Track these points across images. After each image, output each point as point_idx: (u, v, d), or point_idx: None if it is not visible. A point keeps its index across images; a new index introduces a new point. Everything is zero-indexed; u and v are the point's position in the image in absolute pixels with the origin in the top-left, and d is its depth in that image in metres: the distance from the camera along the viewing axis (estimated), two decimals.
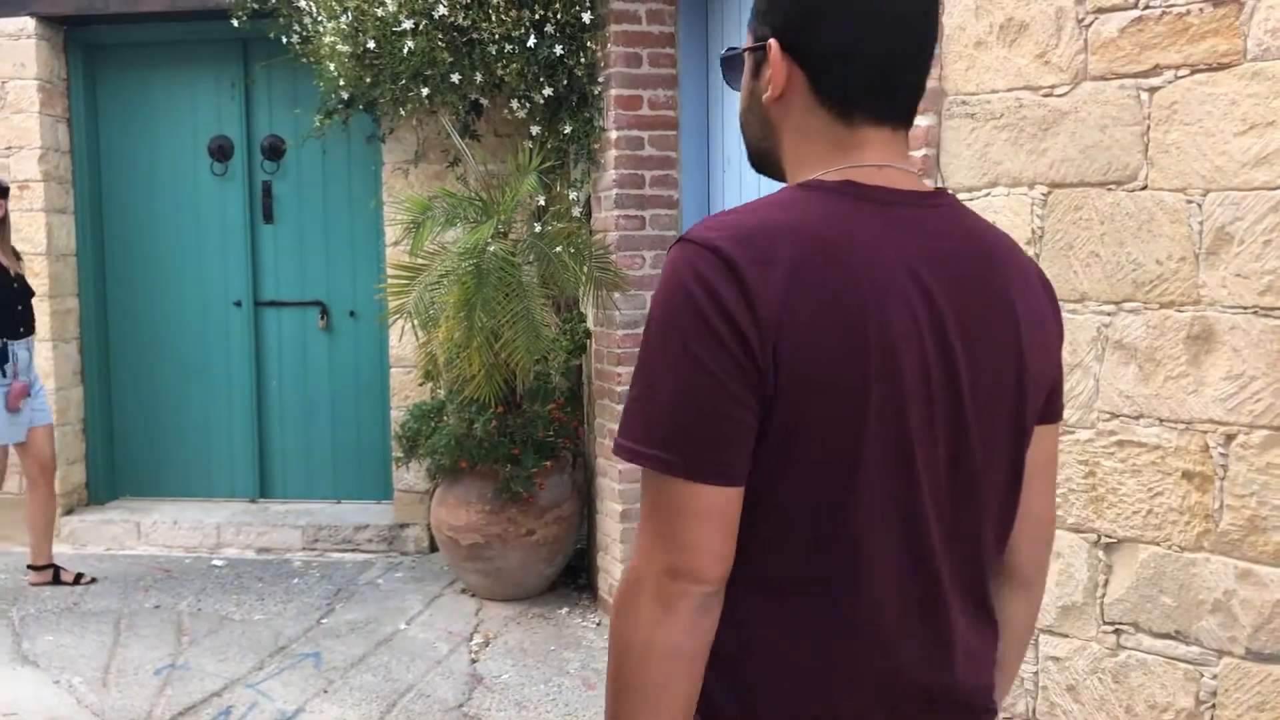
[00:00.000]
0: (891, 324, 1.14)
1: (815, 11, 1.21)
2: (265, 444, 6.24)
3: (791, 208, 1.17)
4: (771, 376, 1.11)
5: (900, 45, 1.21)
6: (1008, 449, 1.26)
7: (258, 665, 4.29)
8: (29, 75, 5.78)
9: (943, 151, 2.87)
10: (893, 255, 1.16)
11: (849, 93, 1.21)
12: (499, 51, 4.74)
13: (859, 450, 1.14)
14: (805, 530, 1.17)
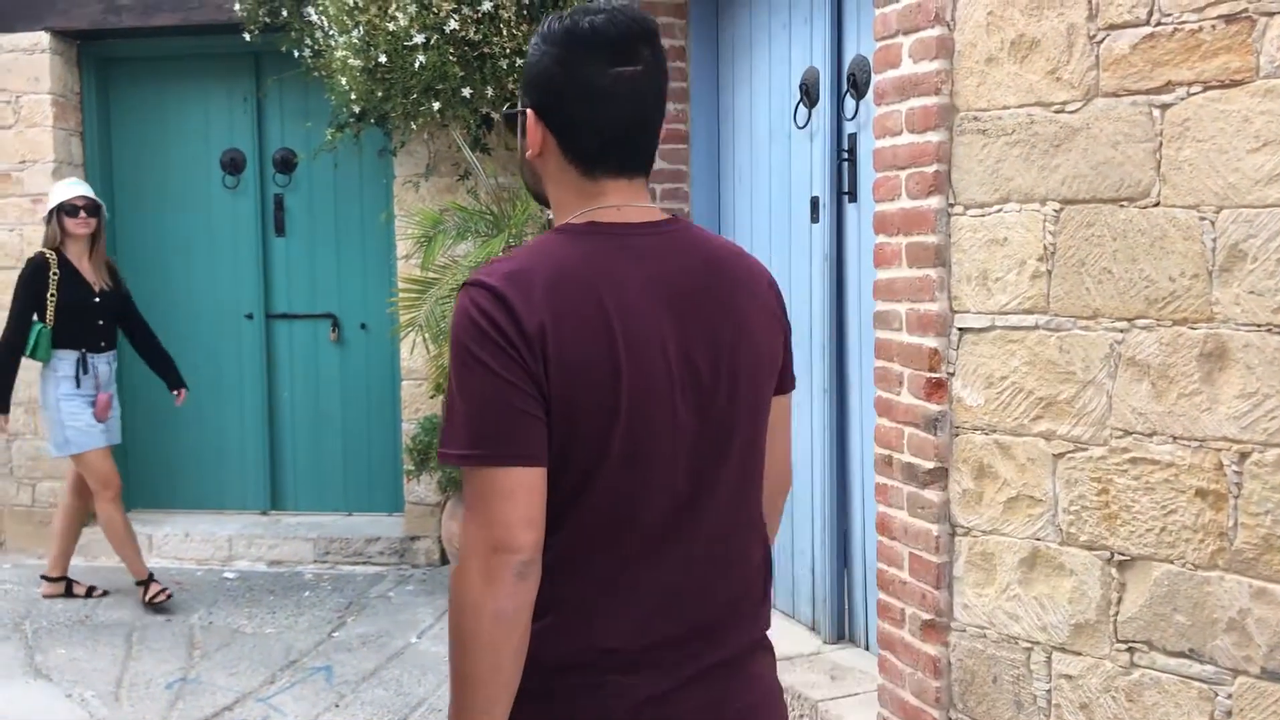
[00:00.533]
0: (631, 326, 1.45)
1: (559, 90, 1.51)
2: (277, 456, 6.25)
3: (546, 250, 1.49)
4: (544, 375, 1.41)
5: (631, 118, 1.52)
6: (747, 417, 1.56)
7: (269, 679, 4.29)
8: (43, 89, 5.81)
9: (954, 168, 2.87)
10: (626, 274, 1.48)
11: (590, 155, 1.52)
12: (510, 65, 4.75)
13: (616, 426, 1.44)
14: (567, 502, 1.45)
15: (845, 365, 3.87)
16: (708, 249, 1.59)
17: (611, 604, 1.48)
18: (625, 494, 1.46)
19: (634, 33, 1.51)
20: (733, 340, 1.54)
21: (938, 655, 2.96)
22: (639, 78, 1.51)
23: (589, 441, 1.44)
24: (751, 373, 1.55)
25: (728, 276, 1.58)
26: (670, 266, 1.52)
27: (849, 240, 3.82)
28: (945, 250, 2.90)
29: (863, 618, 3.87)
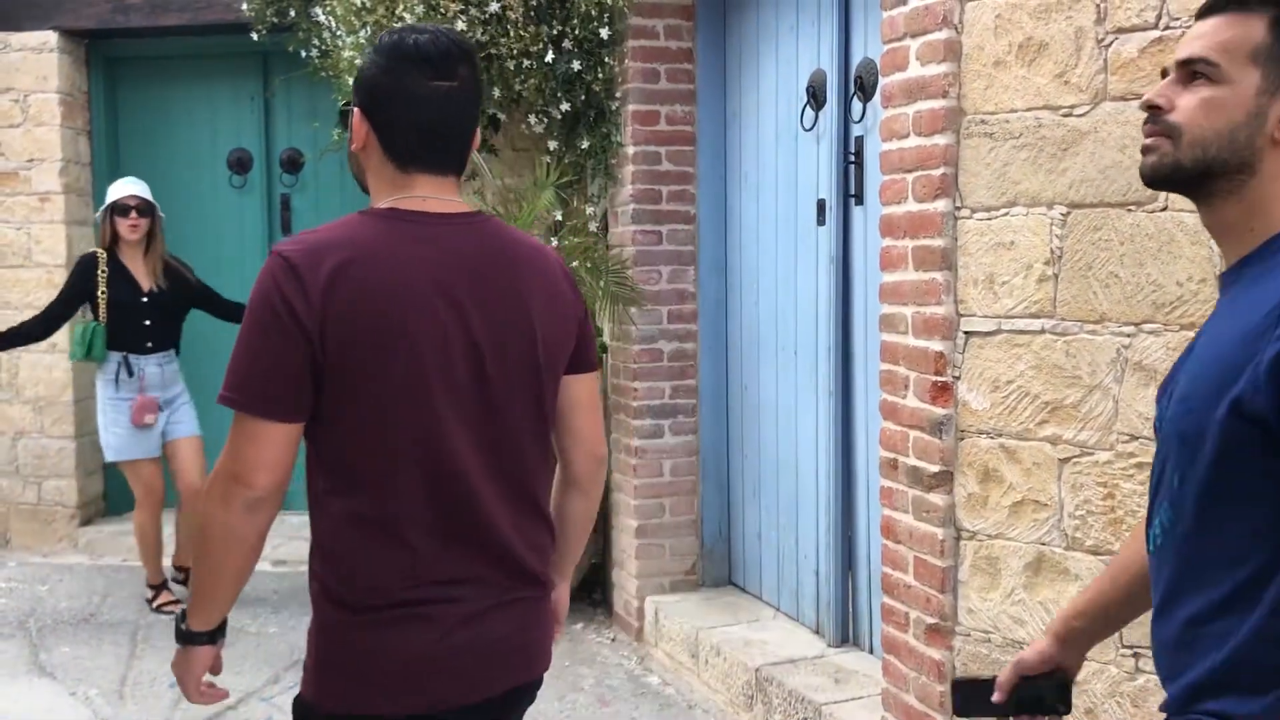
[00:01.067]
0: (412, 303, 1.66)
1: (383, 95, 1.72)
2: None
3: (346, 227, 1.73)
4: (320, 341, 1.63)
5: (444, 124, 1.73)
6: (525, 387, 1.77)
7: (273, 679, 4.29)
8: (51, 88, 5.83)
9: (961, 170, 2.86)
10: (416, 254, 1.69)
11: (403, 152, 1.74)
12: (517, 67, 4.75)
13: (390, 393, 1.66)
14: (357, 452, 1.69)
15: (851, 368, 3.87)
16: (501, 240, 1.81)
17: (417, 538, 1.70)
18: (403, 447, 1.69)
19: (454, 53, 1.73)
20: (515, 320, 1.76)
21: (942, 659, 2.96)
22: (454, 91, 1.73)
23: (367, 400, 1.67)
24: (531, 349, 1.77)
25: (515, 264, 1.78)
26: (460, 252, 1.74)
27: (855, 243, 3.82)
28: (952, 253, 2.90)
29: (867, 621, 3.86)
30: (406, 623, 1.71)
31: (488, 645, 1.76)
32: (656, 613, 4.49)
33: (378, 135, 1.75)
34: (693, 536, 4.69)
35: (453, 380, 1.70)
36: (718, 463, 4.71)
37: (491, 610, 1.76)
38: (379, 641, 1.71)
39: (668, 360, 4.62)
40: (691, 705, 4.05)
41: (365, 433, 1.68)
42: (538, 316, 1.78)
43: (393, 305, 1.65)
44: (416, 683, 1.72)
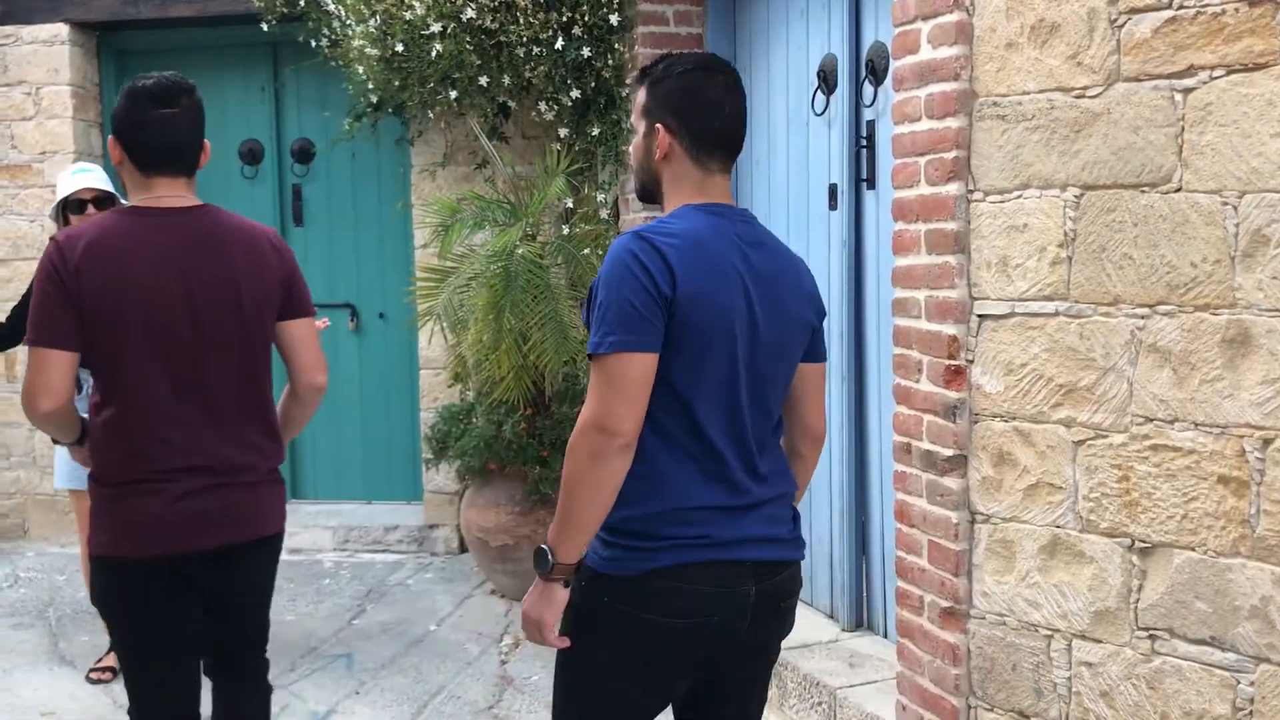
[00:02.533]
0: (141, 271, 2.33)
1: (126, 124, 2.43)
2: (296, 444, 6.27)
3: (100, 222, 2.40)
4: (79, 298, 2.30)
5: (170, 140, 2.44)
6: (236, 331, 2.43)
7: (290, 666, 4.31)
8: (62, 81, 5.84)
9: (973, 154, 2.85)
10: (148, 238, 2.37)
11: (143, 163, 2.43)
12: (527, 54, 4.76)
13: (125, 335, 2.33)
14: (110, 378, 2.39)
15: (864, 353, 3.86)
16: (216, 224, 2.47)
17: (153, 440, 2.38)
18: (147, 369, 2.36)
19: (173, 89, 2.42)
20: (223, 281, 2.41)
21: (957, 643, 2.96)
22: (176, 115, 2.41)
23: (114, 342, 2.34)
24: (236, 301, 2.42)
25: (226, 241, 2.45)
26: (183, 235, 2.41)
27: (867, 227, 3.81)
28: (965, 237, 2.89)
29: (881, 605, 3.86)
30: (140, 496, 2.38)
31: (200, 513, 2.41)
32: None
33: (126, 154, 2.43)
34: None
35: (172, 325, 2.37)
36: None
37: (204, 490, 2.41)
38: (124, 508, 2.39)
39: None
40: None
41: (114, 364, 2.37)
42: (243, 277, 2.44)
43: (125, 275, 2.34)
44: (151, 536, 2.39)
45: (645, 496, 1.97)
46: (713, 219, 2.02)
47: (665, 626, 1.98)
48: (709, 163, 2.06)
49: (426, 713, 3.90)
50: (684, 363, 1.94)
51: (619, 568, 1.97)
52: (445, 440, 5.09)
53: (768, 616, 2.08)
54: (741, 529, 2.01)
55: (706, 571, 1.98)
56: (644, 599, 1.97)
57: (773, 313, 2.03)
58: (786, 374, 2.11)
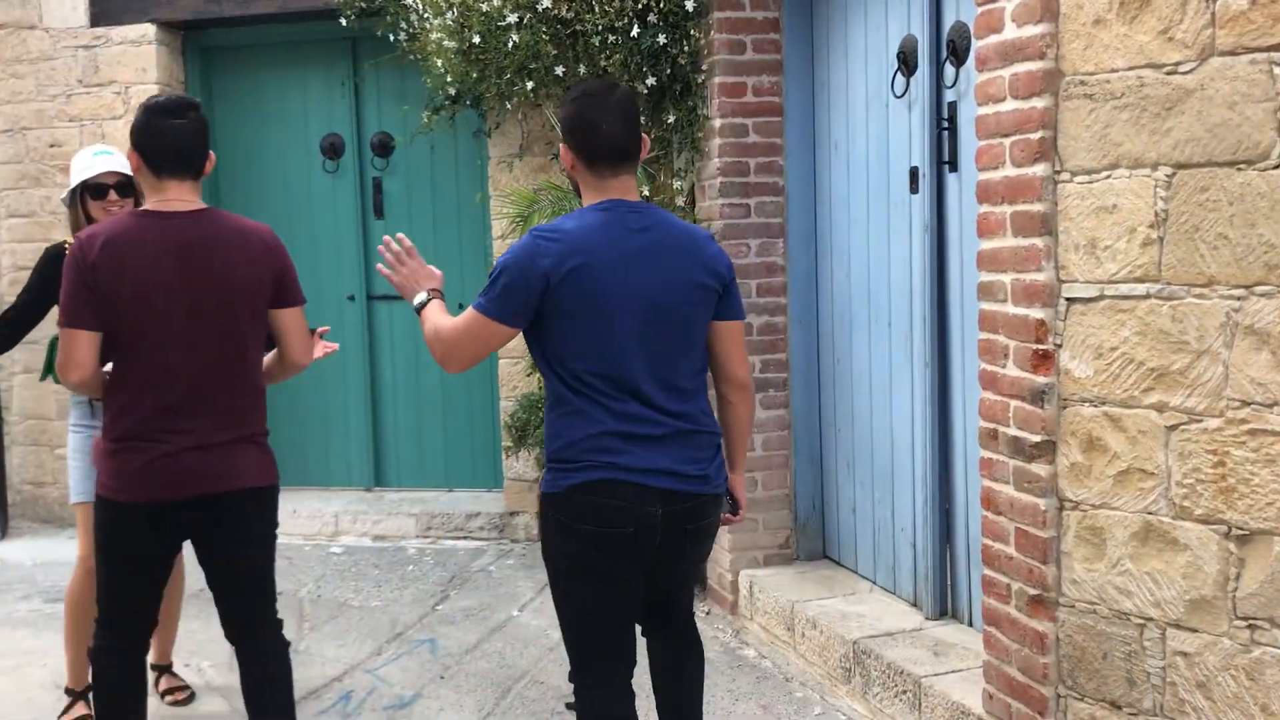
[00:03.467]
0: (145, 265, 2.77)
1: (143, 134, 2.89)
2: (379, 434, 6.38)
3: (116, 221, 2.86)
4: (97, 288, 2.75)
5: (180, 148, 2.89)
6: (228, 318, 2.86)
7: (376, 651, 4.39)
8: (150, 80, 5.99)
9: (1060, 134, 2.80)
10: (153, 237, 2.80)
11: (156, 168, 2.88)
12: (602, 42, 4.76)
13: (132, 322, 2.79)
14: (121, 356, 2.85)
15: (947, 338, 3.81)
16: (216, 225, 2.88)
17: (147, 408, 2.82)
18: (149, 347, 2.80)
19: (182, 104, 2.89)
20: (219, 277, 2.83)
21: (1045, 631, 2.91)
22: (184, 126, 2.84)
23: (127, 323, 2.79)
24: (230, 294, 2.85)
25: (223, 240, 2.86)
26: (184, 234, 2.82)
27: (950, 210, 3.75)
28: (1052, 218, 2.84)
29: (966, 593, 3.82)
30: (132, 451, 2.83)
31: (182, 468, 2.83)
32: (751, 586, 4.49)
33: (142, 159, 2.85)
34: (786, 510, 4.68)
35: (167, 312, 2.79)
36: (810, 436, 4.68)
37: (182, 451, 2.82)
38: (116, 460, 2.85)
39: (757, 334, 4.60)
40: (789, 678, 4.06)
41: (123, 346, 2.82)
42: (234, 271, 2.85)
43: (132, 265, 2.76)
44: (134, 485, 2.83)
45: (566, 430, 2.58)
46: (601, 214, 2.58)
47: (591, 534, 2.56)
48: (602, 170, 2.61)
49: (510, 698, 3.94)
50: (577, 326, 2.53)
51: (552, 487, 2.60)
52: (524, 428, 5.13)
53: (678, 534, 2.63)
54: (650, 460, 2.55)
55: (615, 489, 2.53)
56: (571, 511, 2.57)
57: (664, 279, 2.57)
58: (687, 331, 2.63)
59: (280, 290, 2.96)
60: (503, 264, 2.56)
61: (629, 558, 2.59)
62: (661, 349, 2.58)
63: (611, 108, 2.60)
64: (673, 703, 2.88)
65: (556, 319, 2.54)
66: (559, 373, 2.58)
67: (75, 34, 6.06)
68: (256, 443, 2.99)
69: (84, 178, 3.60)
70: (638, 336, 2.55)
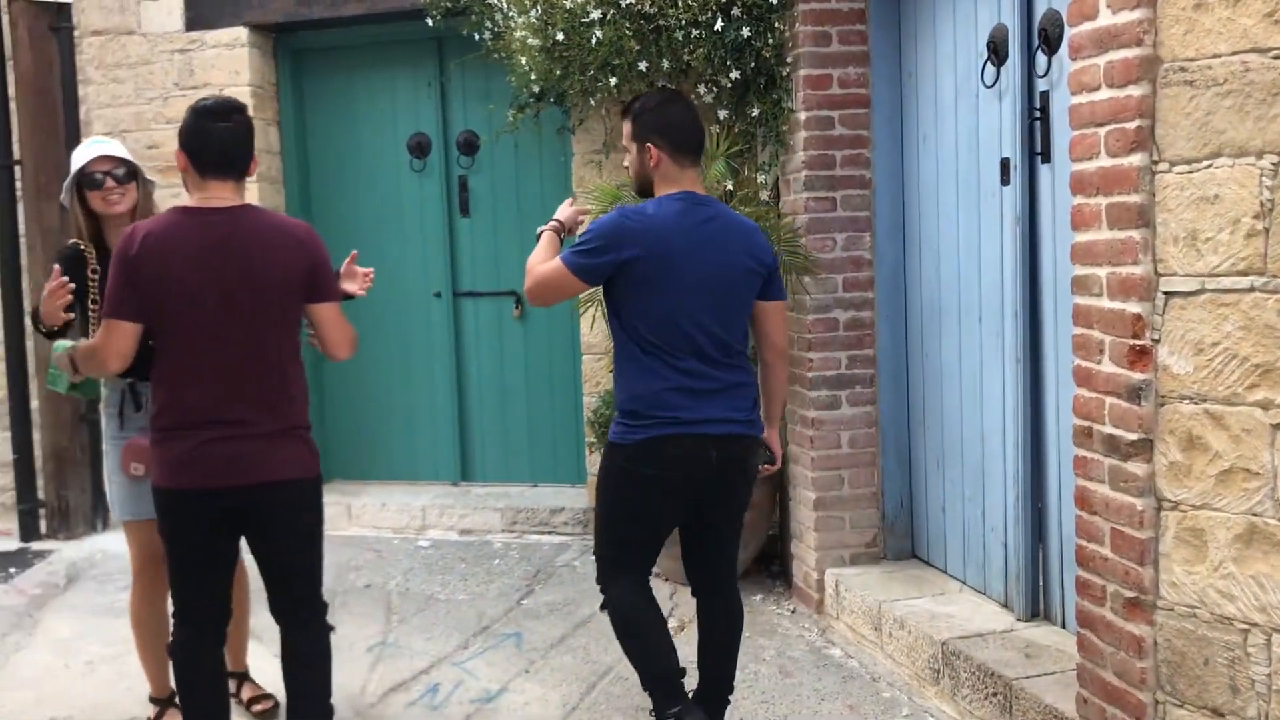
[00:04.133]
0: (184, 260, 2.89)
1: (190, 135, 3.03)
2: (465, 429, 6.45)
3: (160, 218, 3.00)
4: (139, 281, 2.90)
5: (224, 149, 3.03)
6: (264, 310, 2.97)
7: (463, 644, 4.44)
8: (243, 82, 6.12)
9: (1158, 122, 2.71)
10: (193, 234, 2.93)
11: (201, 168, 3.03)
12: (686, 37, 4.74)
13: (172, 314, 2.92)
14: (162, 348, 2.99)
15: (1040, 333, 3.72)
16: (254, 221, 3.01)
17: (186, 396, 2.95)
18: (189, 339, 2.94)
19: (227, 106, 3.03)
20: (255, 270, 2.94)
21: (1143, 635, 2.83)
22: (230, 129, 3.00)
23: (166, 316, 2.93)
24: (265, 287, 2.96)
25: (260, 235, 2.98)
26: (222, 231, 2.95)
27: (1042, 203, 3.66)
28: (1149, 210, 2.75)
29: (1059, 594, 3.73)
30: (174, 440, 2.96)
31: (221, 457, 2.94)
32: (837, 585, 4.44)
33: (188, 159, 2.99)
34: (873, 509, 4.62)
35: (203, 305, 2.91)
36: (898, 433, 4.61)
37: (219, 440, 2.94)
38: (162, 449, 2.99)
39: (843, 329, 4.55)
40: (875, 678, 4.00)
41: (164, 339, 2.96)
42: (267, 266, 2.96)
43: (172, 260, 2.90)
44: (179, 472, 2.96)
45: (637, 384, 3.10)
46: (677, 203, 3.11)
47: (655, 477, 3.11)
48: (683, 162, 3.16)
49: (595, 693, 3.95)
50: (653, 296, 3.06)
51: (622, 439, 3.13)
52: (607, 424, 5.13)
53: (727, 469, 3.16)
54: (706, 412, 3.08)
55: (679, 441, 3.07)
56: (638, 459, 3.10)
57: (721, 262, 3.11)
58: (739, 305, 3.17)
59: (314, 285, 3.06)
60: (594, 231, 3.08)
61: (684, 490, 3.16)
62: (718, 319, 3.11)
63: (691, 108, 3.22)
64: (711, 657, 3.36)
65: (634, 287, 3.06)
66: (632, 334, 3.10)
67: (171, 38, 6.21)
68: (296, 435, 3.08)
69: (79, 165, 3.44)
70: (700, 308, 3.08)
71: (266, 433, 3.00)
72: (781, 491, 5.02)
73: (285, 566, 3.17)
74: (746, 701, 3.83)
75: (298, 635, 3.23)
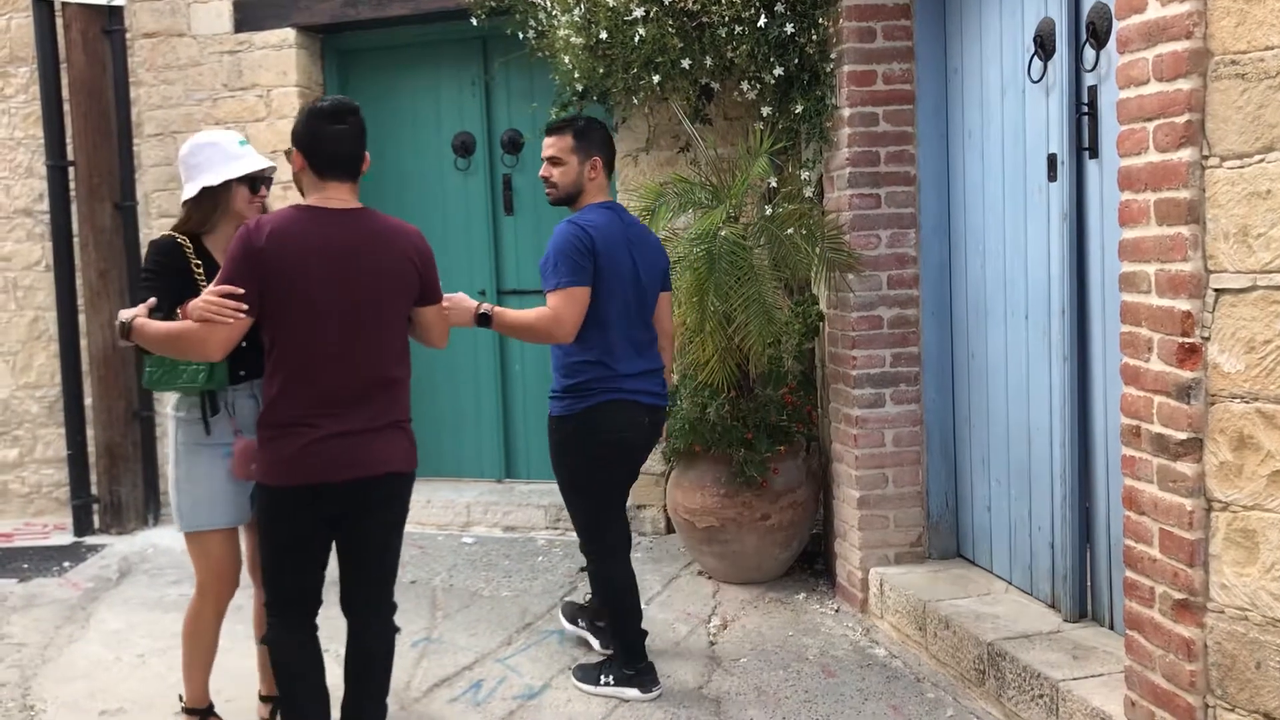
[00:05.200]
0: (308, 257, 2.96)
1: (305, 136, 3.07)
2: (509, 427, 6.48)
3: (283, 214, 3.03)
4: (263, 274, 2.93)
5: (342, 152, 3.05)
6: (380, 312, 3.07)
7: (506, 640, 4.46)
8: (290, 83, 6.19)
9: (1209, 116, 2.66)
10: (317, 232, 2.99)
11: (320, 169, 3.05)
12: (729, 34, 4.73)
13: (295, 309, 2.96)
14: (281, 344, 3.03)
15: (1087, 331, 3.67)
16: (374, 225, 3.10)
17: (303, 395, 3.00)
18: (307, 336, 2.98)
19: (343, 109, 3.06)
20: (372, 270, 3.03)
21: (1192, 637, 2.78)
22: (346, 130, 3.05)
23: (284, 312, 2.97)
24: (381, 287, 3.06)
25: (378, 237, 3.08)
26: (343, 231, 3.02)
27: (1090, 199, 3.62)
28: (1199, 206, 2.70)
29: (1106, 595, 3.68)
30: (290, 436, 2.99)
31: (336, 452, 2.99)
32: (881, 584, 4.41)
33: (306, 159, 3.05)
34: (918, 508, 4.58)
35: (327, 306, 2.96)
36: (943, 432, 4.58)
37: (341, 434, 3.00)
38: (276, 445, 3.02)
39: (888, 327, 4.52)
40: (919, 678, 3.97)
41: (280, 333, 2.99)
42: (387, 268, 3.07)
43: (297, 257, 2.95)
44: (297, 468, 3.00)
45: (584, 372, 3.76)
46: (609, 212, 3.83)
47: (605, 439, 3.80)
48: (609, 177, 3.90)
49: None
50: (610, 294, 3.74)
51: (570, 410, 3.80)
52: None
53: (653, 433, 3.95)
54: (641, 386, 3.82)
55: (622, 406, 3.78)
56: (589, 423, 3.78)
57: (647, 262, 3.86)
58: (653, 300, 3.91)
59: (424, 289, 3.19)
60: (561, 249, 3.69)
61: (630, 450, 3.91)
62: (645, 311, 3.87)
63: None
64: None
65: (596, 286, 3.71)
66: (594, 326, 3.71)
67: (220, 40, 6.30)
68: (403, 429, 3.16)
69: (250, 170, 3.40)
70: (634, 301, 3.81)
71: (379, 426, 3.07)
72: (825, 490, 4.99)
73: (374, 557, 3.22)
74: (789, 700, 3.82)
75: (368, 629, 3.30)
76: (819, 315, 4.91)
